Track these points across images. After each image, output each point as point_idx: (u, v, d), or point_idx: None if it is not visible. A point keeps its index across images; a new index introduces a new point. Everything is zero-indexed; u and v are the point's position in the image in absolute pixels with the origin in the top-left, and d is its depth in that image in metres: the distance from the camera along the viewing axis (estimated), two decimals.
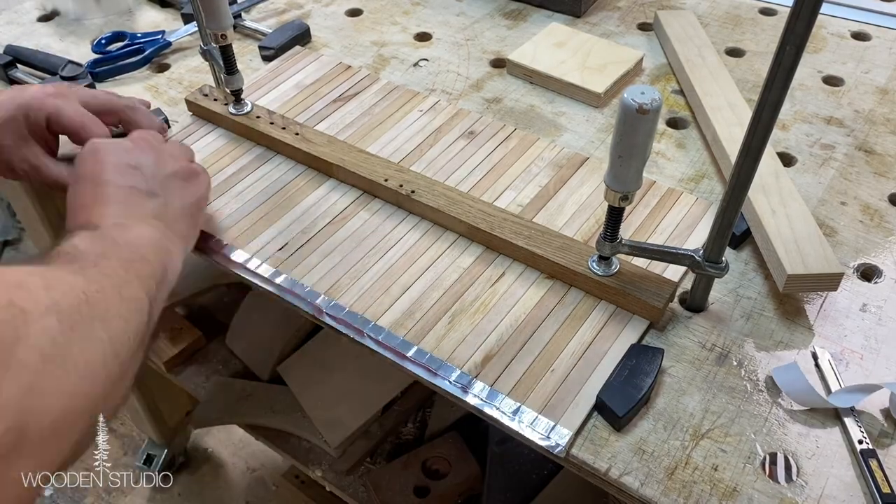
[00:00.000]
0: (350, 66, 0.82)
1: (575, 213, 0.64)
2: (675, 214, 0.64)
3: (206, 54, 0.70)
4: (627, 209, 0.54)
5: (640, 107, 0.45)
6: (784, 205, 0.61)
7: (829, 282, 0.56)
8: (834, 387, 0.52)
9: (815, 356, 0.54)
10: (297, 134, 0.71)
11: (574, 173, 0.68)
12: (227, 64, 0.70)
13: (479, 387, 0.53)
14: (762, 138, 0.46)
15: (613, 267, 0.57)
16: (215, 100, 0.75)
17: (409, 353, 0.55)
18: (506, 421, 0.51)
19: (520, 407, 0.51)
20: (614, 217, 0.53)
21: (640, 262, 0.59)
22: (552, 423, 0.50)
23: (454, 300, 0.58)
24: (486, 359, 0.54)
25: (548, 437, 0.50)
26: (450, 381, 0.53)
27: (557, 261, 0.59)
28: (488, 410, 0.52)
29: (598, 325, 0.56)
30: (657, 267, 0.59)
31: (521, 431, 0.51)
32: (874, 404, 0.51)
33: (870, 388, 0.50)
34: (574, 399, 0.52)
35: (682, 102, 0.77)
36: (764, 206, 0.61)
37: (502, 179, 0.68)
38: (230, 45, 0.69)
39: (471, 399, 0.52)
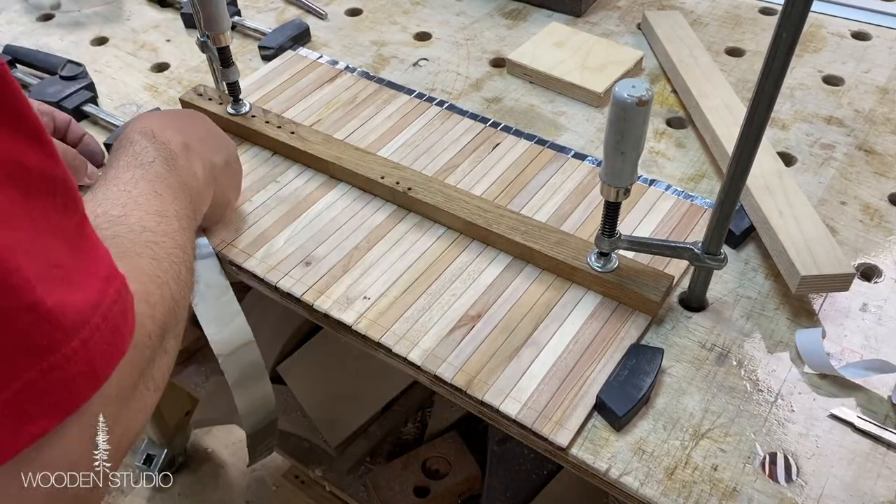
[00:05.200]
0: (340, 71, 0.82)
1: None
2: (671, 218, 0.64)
3: (203, 46, 0.70)
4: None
5: (640, 100, 0.45)
6: (790, 205, 0.61)
7: (840, 282, 0.56)
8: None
9: None
10: (292, 133, 0.71)
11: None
12: (222, 57, 0.70)
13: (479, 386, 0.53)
14: (762, 119, 0.46)
15: (613, 263, 0.57)
16: (210, 99, 0.75)
17: (409, 354, 0.55)
18: (506, 420, 0.51)
19: (520, 406, 0.51)
20: (612, 212, 0.53)
21: (641, 259, 0.59)
22: (553, 423, 0.50)
23: (454, 299, 0.58)
24: (485, 358, 0.54)
25: (548, 437, 0.50)
26: (448, 381, 0.53)
27: (555, 256, 0.59)
28: (488, 410, 0.52)
29: (598, 324, 0.56)
30: (658, 264, 0.59)
31: (521, 430, 0.50)
32: (885, 383, 0.52)
33: (882, 367, 0.51)
34: (574, 399, 0.52)
35: (679, 102, 0.77)
36: (770, 206, 0.61)
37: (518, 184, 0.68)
38: (227, 47, 0.69)
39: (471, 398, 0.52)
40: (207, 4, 0.65)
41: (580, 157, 0.70)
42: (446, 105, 0.76)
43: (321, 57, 0.84)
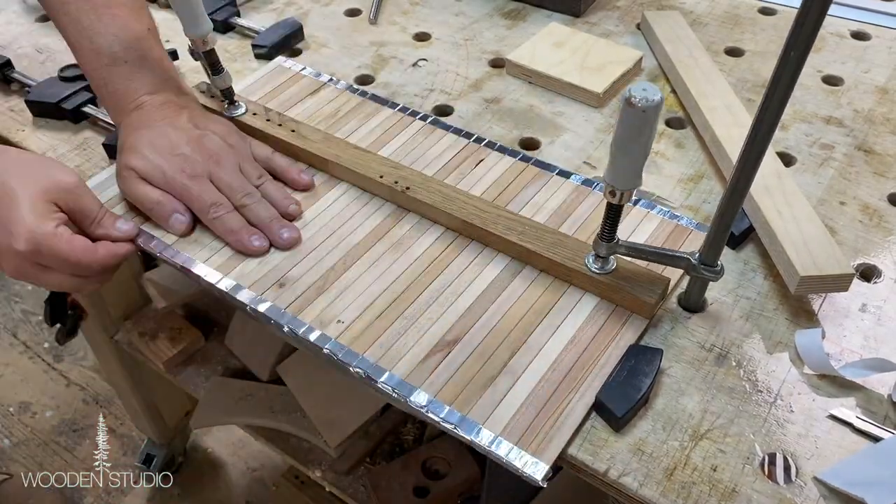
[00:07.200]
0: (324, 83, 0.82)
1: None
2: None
3: (194, 54, 0.69)
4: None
5: (651, 102, 0.44)
6: (789, 205, 0.61)
7: (840, 283, 0.56)
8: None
9: None
10: (292, 131, 0.71)
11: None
12: (210, 62, 0.69)
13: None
14: (763, 143, 0.46)
15: (610, 265, 0.57)
16: (212, 97, 0.74)
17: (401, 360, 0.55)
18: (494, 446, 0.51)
19: (517, 411, 0.51)
20: (614, 215, 0.53)
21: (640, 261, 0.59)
22: (553, 424, 0.50)
23: (452, 300, 0.58)
24: (483, 358, 0.54)
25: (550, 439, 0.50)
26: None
27: (551, 256, 0.59)
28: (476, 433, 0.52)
29: (596, 325, 0.56)
30: (656, 266, 0.59)
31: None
32: (885, 383, 0.52)
33: (881, 365, 0.51)
34: (573, 400, 0.52)
35: (678, 102, 0.77)
36: (769, 207, 0.61)
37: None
38: (213, 50, 0.68)
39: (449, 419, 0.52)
40: (182, 6, 0.63)
41: (564, 174, 0.68)
42: (430, 119, 0.75)
43: (304, 69, 0.82)
